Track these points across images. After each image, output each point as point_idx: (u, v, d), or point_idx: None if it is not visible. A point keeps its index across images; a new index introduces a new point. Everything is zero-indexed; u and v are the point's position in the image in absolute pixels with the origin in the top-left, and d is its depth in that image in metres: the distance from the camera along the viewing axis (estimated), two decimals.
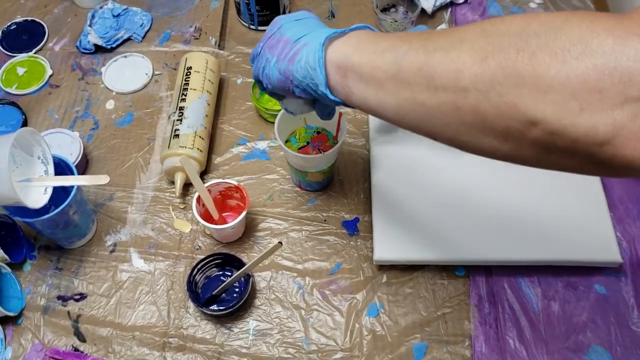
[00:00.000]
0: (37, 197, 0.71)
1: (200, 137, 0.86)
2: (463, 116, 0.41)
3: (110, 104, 0.97)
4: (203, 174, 0.88)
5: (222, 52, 1.02)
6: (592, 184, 0.81)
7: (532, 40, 0.37)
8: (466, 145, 0.44)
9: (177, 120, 0.86)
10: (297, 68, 0.54)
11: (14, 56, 1.02)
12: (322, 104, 0.65)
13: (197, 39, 1.04)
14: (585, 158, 0.37)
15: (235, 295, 0.78)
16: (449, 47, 0.42)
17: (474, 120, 0.41)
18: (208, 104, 0.89)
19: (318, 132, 0.84)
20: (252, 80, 0.97)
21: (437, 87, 0.42)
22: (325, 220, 0.85)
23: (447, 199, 0.81)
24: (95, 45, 1.02)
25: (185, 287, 0.76)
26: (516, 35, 0.38)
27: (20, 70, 1.00)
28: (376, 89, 0.48)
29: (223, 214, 0.82)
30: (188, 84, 0.89)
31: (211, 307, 0.76)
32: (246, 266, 0.73)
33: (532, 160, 0.41)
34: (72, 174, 0.77)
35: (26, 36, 1.05)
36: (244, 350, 0.75)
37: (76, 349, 0.76)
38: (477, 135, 0.42)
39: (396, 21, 0.99)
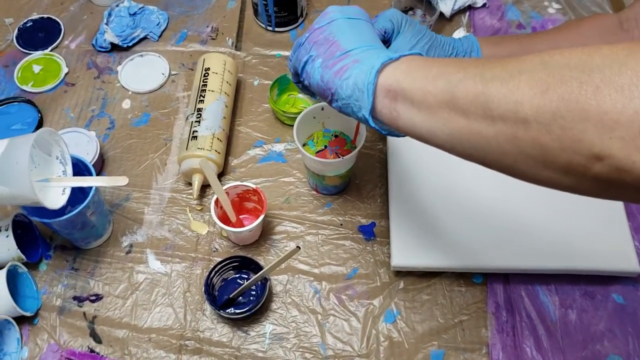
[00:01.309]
0: (55, 197, 0.71)
1: (218, 139, 0.85)
2: (522, 147, 0.40)
3: (126, 104, 0.97)
4: (220, 176, 0.88)
5: (238, 53, 1.02)
6: None
7: (595, 74, 0.36)
8: (523, 176, 0.43)
9: (195, 121, 0.86)
10: (342, 85, 0.53)
11: (30, 54, 1.02)
12: None
13: (213, 39, 1.04)
14: None
15: (252, 298, 0.78)
16: (507, 77, 0.41)
17: (533, 152, 0.40)
18: (226, 106, 0.89)
19: (336, 136, 0.84)
20: (269, 82, 0.96)
21: (494, 117, 0.41)
22: (341, 224, 0.84)
23: (465, 205, 0.81)
24: (111, 44, 1.01)
25: (203, 290, 0.76)
26: (577, 68, 0.37)
27: (36, 68, 1.00)
28: (427, 115, 0.47)
29: (240, 217, 0.82)
30: (206, 85, 0.89)
31: (228, 310, 0.76)
32: (264, 270, 0.73)
33: (593, 193, 0.40)
34: (90, 174, 0.76)
35: (42, 34, 1.05)
36: (260, 354, 0.75)
37: (92, 351, 0.76)
38: (536, 166, 0.41)
39: None
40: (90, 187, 0.74)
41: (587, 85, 0.36)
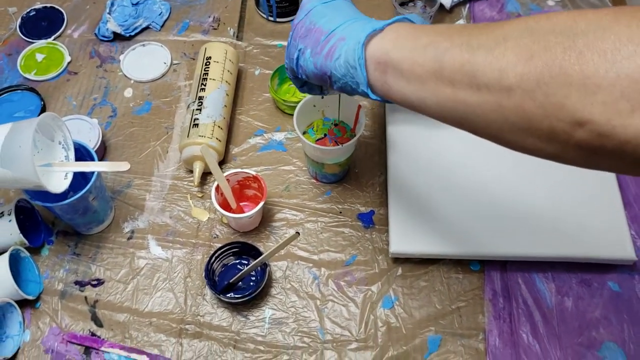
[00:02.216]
0: (57, 182, 0.72)
1: (219, 127, 0.86)
2: (507, 115, 0.41)
3: (128, 92, 0.97)
4: (220, 164, 0.88)
5: (240, 43, 1.03)
6: (608, 182, 0.82)
7: (579, 39, 0.36)
8: (509, 144, 0.44)
9: (197, 109, 0.87)
10: (335, 65, 0.54)
11: (33, 42, 1.03)
12: None
13: (215, 29, 1.04)
14: (635, 160, 0.36)
15: (251, 284, 0.79)
16: (492, 44, 0.41)
17: (518, 120, 0.40)
18: (227, 95, 0.90)
19: (336, 124, 0.85)
20: (270, 71, 0.97)
21: (480, 85, 0.42)
22: (340, 212, 0.85)
23: (463, 193, 0.81)
24: (114, 33, 1.02)
25: (203, 275, 0.77)
26: (562, 33, 0.37)
27: (39, 57, 1.01)
28: (416, 86, 0.47)
29: (240, 204, 0.83)
30: (207, 74, 0.90)
31: (228, 295, 0.77)
32: (264, 255, 0.74)
33: (577, 161, 0.40)
34: (92, 160, 0.77)
35: (45, 23, 1.06)
36: (259, 338, 0.76)
37: (93, 334, 0.77)
38: (521, 134, 0.41)
39: None
40: (92, 173, 0.75)
41: (571, 51, 0.36)
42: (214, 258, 0.77)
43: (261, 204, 0.78)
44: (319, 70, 0.56)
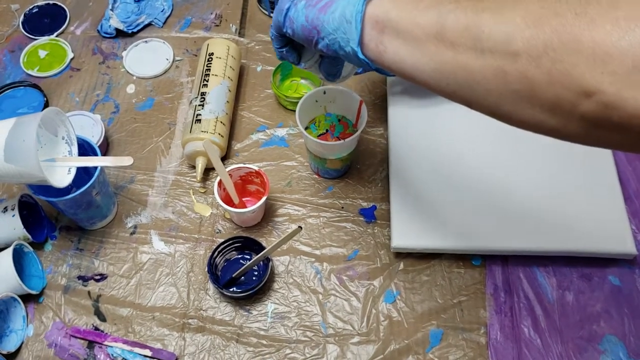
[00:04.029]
0: (61, 176, 0.72)
1: (221, 122, 0.87)
2: (509, 83, 0.39)
3: (130, 88, 0.98)
4: (223, 160, 0.89)
5: (242, 39, 1.03)
6: (609, 177, 0.82)
7: (591, 6, 0.35)
8: (508, 116, 0.42)
9: (199, 105, 0.87)
10: (329, 19, 0.51)
11: (36, 39, 1.03)
12: (329, 61, 0.63)
13: (217, 26, 1.05)
14: (639, 135, 0.35)
15: (254, 278, 0.79)
16: (500, 7, 0.40)
17: (521, 88, 0.39)
18: (229, 90, 0.90)
19: (338, 120, 0.85)
20: (272, 68, 0.98)
21: (484, 49, 0.40)
22: (342, 207, 0.85)
23: (465, 189, 0.82)
24: (116, 30, 1.03)
25: (206, 269, 0.77)
26: (573, 0, 0.36)
27: (42, 53, 1.01)
28: (414, 48, 0.46)
29: (243, 199, 0.83)
30: (210, 69, 0.90)
31: (231, 289, 0.77)
32: (266, 249, 0.74)
33: (578, 135, 0.39)
34: (95, 155, 0.78)
35: (48, 19, 1.06)
36: (262, 332, 0.76)
37: (96, 328, 0.77)
38: (522, 105, 0.40)
39: None
40: (96, 168, 0.75)
41: (582, 17, 0.35)
42: (216, 253, 0.78)
43: (263, 199, 0.78)
44: (309, 24, 0.54)
